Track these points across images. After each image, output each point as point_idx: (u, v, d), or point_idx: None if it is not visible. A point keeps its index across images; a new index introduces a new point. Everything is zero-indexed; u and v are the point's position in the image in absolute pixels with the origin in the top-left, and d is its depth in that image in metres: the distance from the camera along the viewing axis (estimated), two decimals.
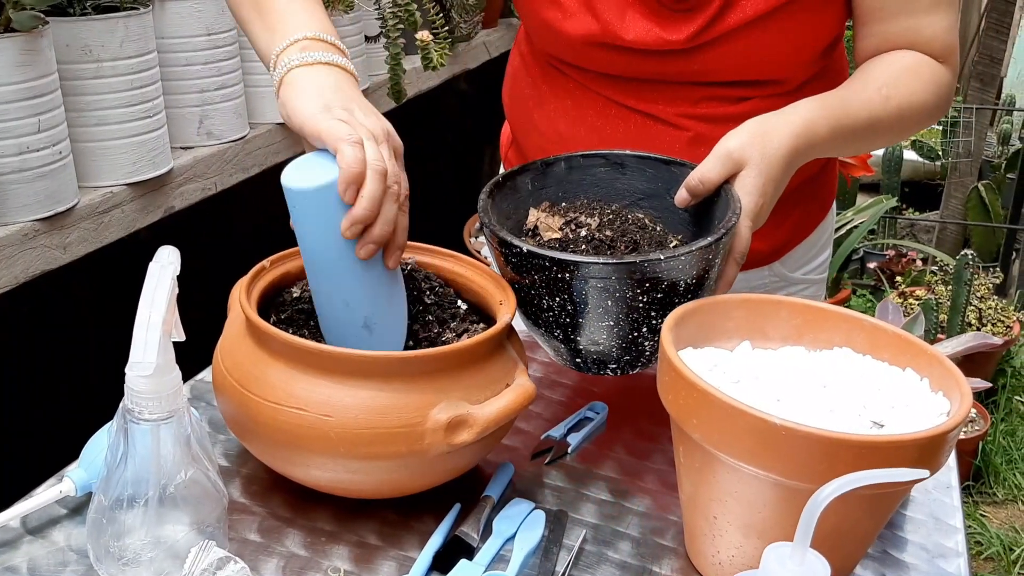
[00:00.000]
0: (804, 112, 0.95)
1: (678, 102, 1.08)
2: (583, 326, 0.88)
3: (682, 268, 0.84)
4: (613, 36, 1.04)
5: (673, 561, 0.84)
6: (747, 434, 0.70)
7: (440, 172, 2.66)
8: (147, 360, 0.68)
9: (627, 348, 0.89)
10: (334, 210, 0.80)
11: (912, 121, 1.03)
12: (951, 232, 3.69)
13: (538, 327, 0.92)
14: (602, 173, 1.02)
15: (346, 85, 0.86)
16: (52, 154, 1.24)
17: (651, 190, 1.00)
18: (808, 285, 1.24)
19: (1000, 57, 3.50)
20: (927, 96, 1.02)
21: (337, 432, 0.79)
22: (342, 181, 0.78)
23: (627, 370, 0.92)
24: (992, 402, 2.92)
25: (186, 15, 1.45)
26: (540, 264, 0.85)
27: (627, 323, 0.87)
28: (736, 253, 0.89)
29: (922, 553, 0.88)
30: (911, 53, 1.03)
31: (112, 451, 0.73)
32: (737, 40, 1.02)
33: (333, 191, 0.79)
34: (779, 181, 0.92)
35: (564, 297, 0.86)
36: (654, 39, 1.03)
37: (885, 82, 1.00)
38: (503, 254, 0.89)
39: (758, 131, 0.91)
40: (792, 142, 0.92)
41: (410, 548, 0.83)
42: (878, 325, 0.84)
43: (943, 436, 0.70)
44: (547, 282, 0.86)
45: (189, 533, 0.75)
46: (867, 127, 0.99)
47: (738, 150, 0.90)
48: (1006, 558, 2.41)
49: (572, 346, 0.91)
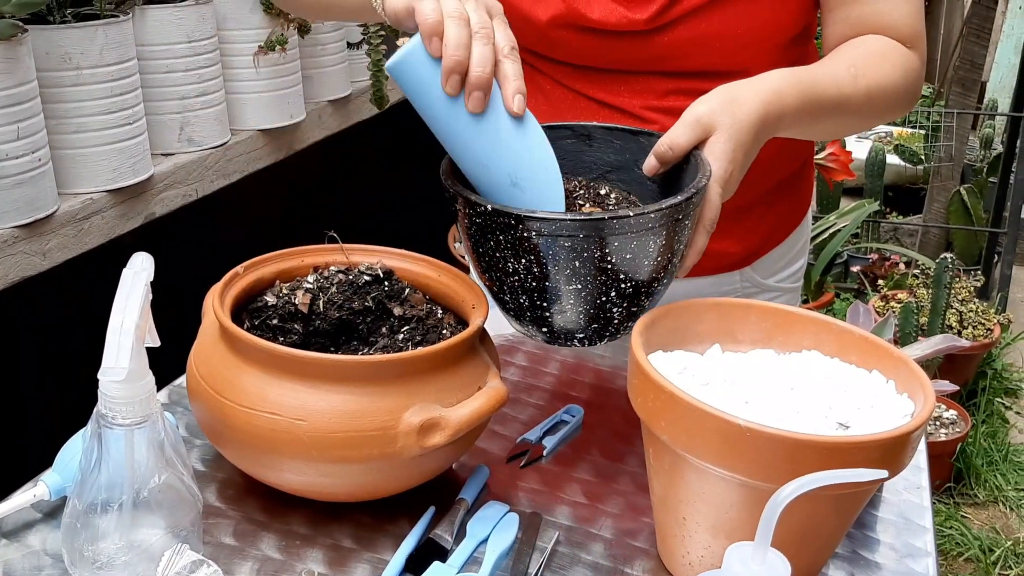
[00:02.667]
0: (773, 81, 0.94)
1: (645, 94, 1.09)
2: (550, 290, 0.85)
3: (652, 227, 0.82)
4: (579, 16, 1.05)
5: (645, 562, 0.85)
6: (713, 436, 0.71)
7: (423, 178, 2.66)
8: (119, 366, 0.69)
9: (595, 315, 0.87)
10: (431, 72, 0.80)
11: (880, 104, 1.03)
12: (934, 236, 3.72)
13: (504, 296, 0.89)
14: (569, 145, 0.99)
15: None
16: (31, 161, 1.25)
17: (619, 162, 0.98)
18: (781, 293, 1.25)
19: (981, 62, 3.53)
20: (896, 79, 1.02)
21: (311, 436, 0.79)
22: (423, 35, 0.79)
23: (595, 340, 0.89)
24: (973, 404, 2.94)
25: (166, 22, 1.46)
26: (504, 223, 0.82)
27: (595, 286, 0.84)
28: (706, 220, 0.87)
29: (891, 553, 0.89)
30: (880, 38, 1.04)
31: (86, 456, 0.74)
32: (700, 21, 1.03)
33: (422, 51, 0.79)
34: (749, 148, 0.91)
35: (530, 258, 0.83)
36: (618, 18, 1.04)
37: (853, 62, 1.01)
38: (467, 215, 0.86)
39: (727, 97, 0.90)
40: (762, 108, 0.91)
41: (384, 551, 0.84)
42: (846, 328, 0.86)
43: (906, 437, 0.71)
44: (512, 242, 0.83)
45: (163, 537, 0.76)
46: (836, 104, 0.99)
47: (707, 115, 0.89)
48: (985, 559, 2.42)
49: (538, 314, 0.88)
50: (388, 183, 2.63)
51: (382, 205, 2.40)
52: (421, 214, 2.48)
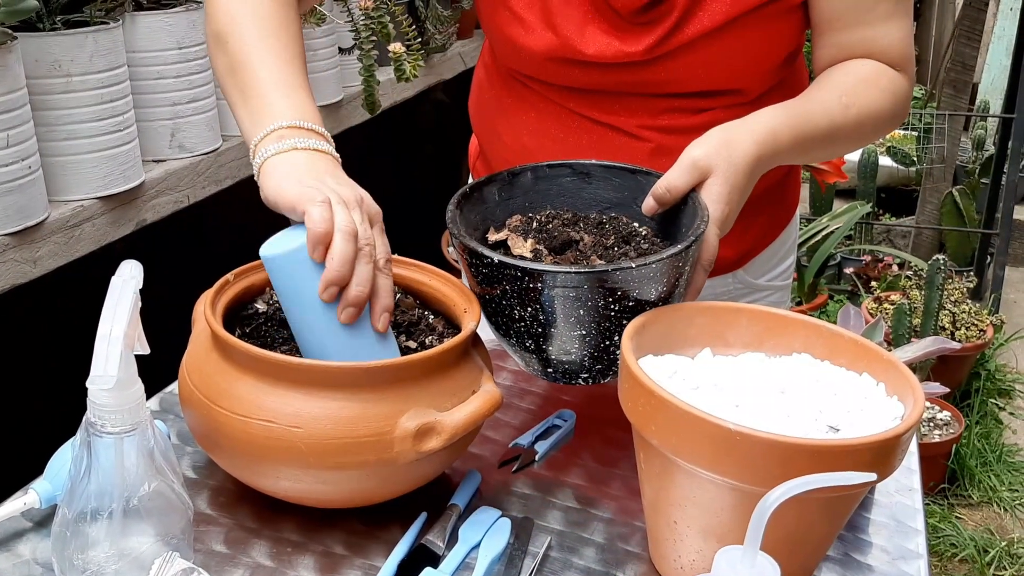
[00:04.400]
0: (767, 120, 0.96)
1: (639, 113, 1.09)
2: (554, 336, 0.88)
3: (653, 276, 0.85)
4: (574, 51, 1.05)
5: (637, 566, 0.85)
6: (704, 440, 0.71)
7: (417, 182, 2.67)
8: (108, 374, 0.69)
9: (598, 357, 0.90)
10: (310, 274, 0.81)
11: (870, 129, 1.04)
12: (926, 237, 3.73)
13: (509, 338, 0.92)
14: (568, 183, 1.02)
15: (321, 164, 0.87)
16: (21, 168, 1.24)
17: (617, 199, 1.01)
18: (772, 291, 1.26)
19: (972, 64, 3.54)
20: (885, 104, 1.04)
21: (307, 443, 0.79)
22: (310, 241, 0.80)
23: (598, 379, 0.93)
24: (967, 405, 2.95)
25: (157, 29, 1.46)
26: (511, 274, 0.85)
27: (598, 332, 0.87)
28: (704, 260, 0.90)
29: (883, 555, 0.89)
30: (869, 62, 1.05)
31: (76, 464, 0.74)
32: (695, 51, 1.03)
33: (305, 254, 0.80)
34: (744, 189, 0.94)
35: (535, 307, 0.87)
36: (614, 52, 1.04)
37: (845, 91, 1.02)
38: (473, 265, 0.89)
39: (723, 140, 0.93)
40: (756, 150, 0.93)
41: (376, 557, 0.84)
42: (836, 331, 0.86)
43: (896, 439, 0.71)
44: (518, 292, 0.86)
45: (154, 545, 0.75)
46: (827, 135, 1.01)
47: (704, 159, 0.91)
48: (980, 560, 2.43)
49: (543, 356, 0.91)
50: (380, 188, 2.63)
51: None
52: (414, 219, 2.48)
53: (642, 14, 1.03)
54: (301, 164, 0.86)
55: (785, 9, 1.04)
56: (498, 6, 1.09)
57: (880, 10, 1.03)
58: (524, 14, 1.07)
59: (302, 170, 0.86)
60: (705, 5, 1.02)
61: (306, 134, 0.89)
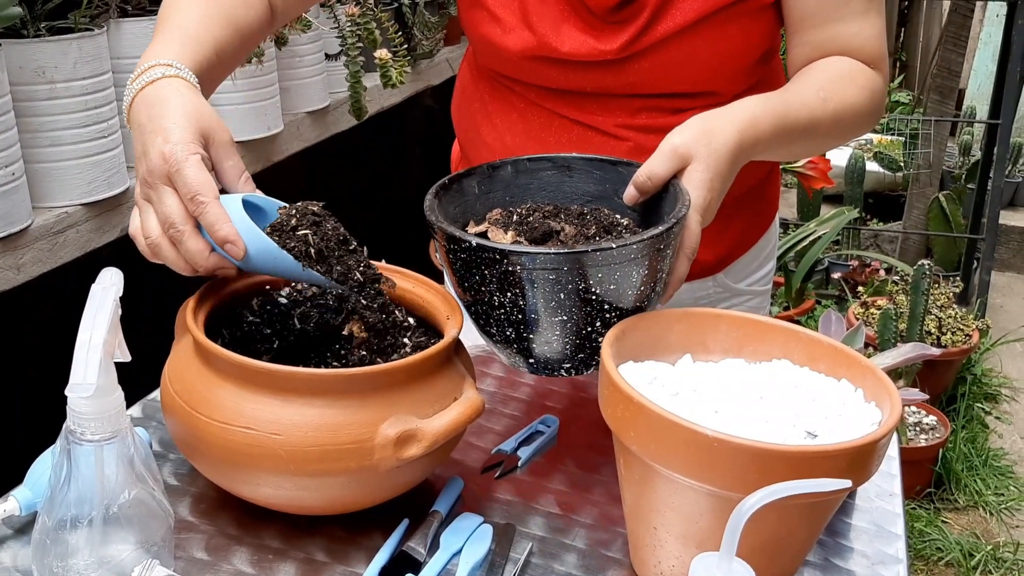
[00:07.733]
0: (748, 109, 0.96)
1: (617, 113, 1.10)
2: (535, 322, 0.87)
3: (634, 258, 0.83)
4: (549, 49, 1.06)
5: (618, 572, 0.85)
6: (682, 446, 0.71)
7: (404, 189, 2.67)
8: (87, 382, 0.69)
9: (580, 345, 0.88)
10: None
11: (848, 124, 1.04)
12: (914, 242, 3.74)
13: (489, 328, 0.90)
14: (549, 176, 1.01)
15: (143, 115, 0.88)
16: (5, 175, 1.24)
17: (599, 192, 1.00)
18: (752, 296, 1.26)
19: (958, 69, 3.57)
20: (862, 100, 1.04)
21: (287, 450, 0.79)
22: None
23: (581, 370, 0.91)
24: (953, 409, 2.96)
25: (141, 35, 1.46)
26: (489, 258, 0.84)
27: (580, 317, 0.86)
28: (686, 248, 0.89)
29: (863, 560, 0.90)
30: (845, 59, 1.05)
31: (55, 472, 0.74)
32: (668, 49, 1.04)
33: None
34: (725, 176, 0.93)
35: (515, 292, 0.85)
36: (588, 50, 1.06)
37: (822, 85, 1.02)
38: (451, 251, 0.87)
39: (703, 127, 0.92)
40: (737, 137, 0.92)
41: (357, 564, 0.84)
42: (815, 337, 0.86)
43: (872, 445, 0.72)
44: (496, 277, 0.84)
45: (134, 552, 0.75)
46: (807, 127, 1.00)
47: (684, 146, 0.91)
48: (966, 564, 2.44)
49: (525, 345, 0.89)
50: (366, 194, 2.64)
51: (360, 216, 2.40)
52: (400, 225, 2.49)
53: (615, 12, 1.04)
54: (135, 125, 0.88)
55: (756, 8, 1.05)
56: (475, 6, 1.10)
57: (852, 6, 1.04)
58: (501, 13, 1.08)
59: (135, 135, 0.88)
60: (677, 3, 1.03)
61: (158, 69, 0.90)
